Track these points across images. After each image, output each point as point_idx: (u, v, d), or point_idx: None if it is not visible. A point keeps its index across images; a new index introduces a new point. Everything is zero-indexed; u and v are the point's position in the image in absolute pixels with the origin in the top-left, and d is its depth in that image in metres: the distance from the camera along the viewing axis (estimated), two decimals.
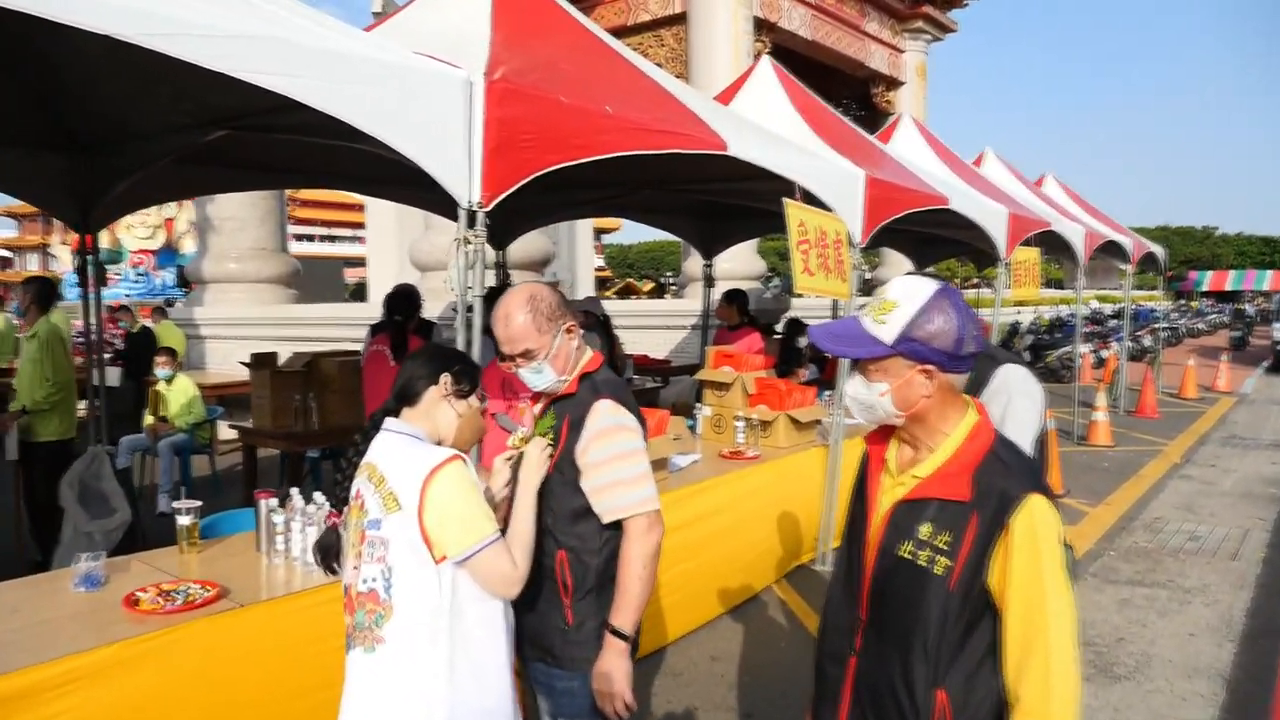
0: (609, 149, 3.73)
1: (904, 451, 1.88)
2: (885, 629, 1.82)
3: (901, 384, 1.76)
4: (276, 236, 14.46)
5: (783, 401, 6.00)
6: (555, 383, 2.32)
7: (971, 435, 1.78)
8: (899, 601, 1.79)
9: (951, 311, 1.73)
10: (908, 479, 1.82)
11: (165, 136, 4.53)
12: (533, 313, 2.26)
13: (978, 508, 1.69)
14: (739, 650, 4.76)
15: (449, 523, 1.95)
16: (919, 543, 1.75)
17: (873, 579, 1.85)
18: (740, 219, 9.35)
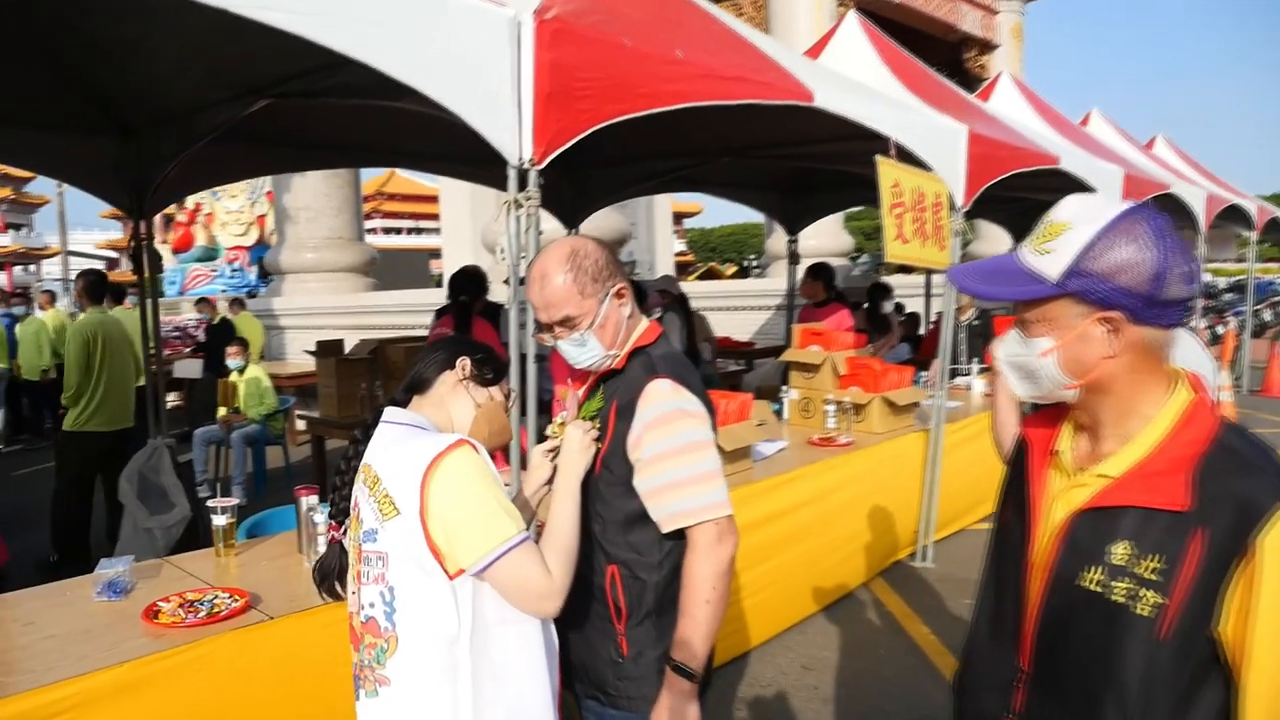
0: (679, 99, 3.30)
1: (1082, 441, 1.40)
2: (1060, 688, 1.35)
3: (1072, 339, 1.28)
4: (353, 225, 14.42)
5: (877, 383, 5.49)
6: (602, 358, 1.90)
7: (1186, 418, 1.29)
8: (1082, 652, 1.31)
9: (1147, 237, 1.23)
10: (1091, 479, 1.34)
11: (207, 112, 4.31)
12: (574, 271, 1.84)
13: (1203, 521, 1.21)
14: (833, 658, 4.30)
15: (460, 525, 1.55)
16: (1113, 570, 1.27)
17: (1042, 619, 1.37)
18: (826, 191, 8.85)
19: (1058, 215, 1.31)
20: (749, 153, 6.53)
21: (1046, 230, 1.31)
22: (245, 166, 6.11)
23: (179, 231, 23.07)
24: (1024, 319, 1.34)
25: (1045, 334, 1.31)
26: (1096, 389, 1.31)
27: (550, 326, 1.88)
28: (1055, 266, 1.27)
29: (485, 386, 1.84)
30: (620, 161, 6.74)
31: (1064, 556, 1.33)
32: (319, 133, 5.53)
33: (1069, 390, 1.33)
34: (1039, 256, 1.30)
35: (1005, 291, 1.32)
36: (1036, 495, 1.42)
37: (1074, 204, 1.31)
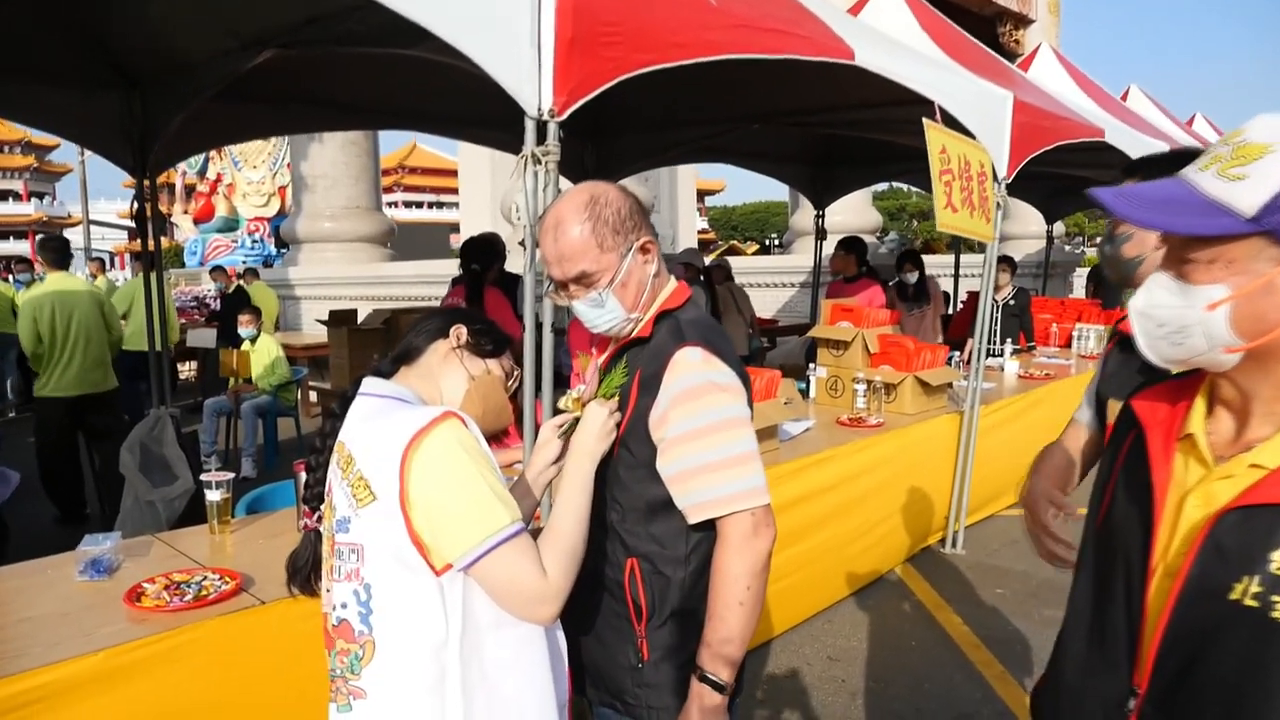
0: (714, 49, 3.05)
1: (1223, 421, 1.16)
2: (1192, 717, 1.12)
3: (1257, 289, 1.03)
4: (371, 195, 14.22)
5: (910, 362, 5.24)
6: (622, 321, 1.67)
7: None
8: (1225, 676, 1.09)
9: None
10: (1239, 469, 1.11)
11: (212, 64, 4.09)
12: (593, 220, 1.60)
13: None
14: (862, 649, 4.09)
15: (446, 512, 1.33)
16: (1273, 580, 1.04)
17: (1170, 634, 1.14)
18: (855, 165, 8.59)
19: (1254, 135, 1.04)
20: (780, 119, 6.25)
21: (1237, 152, 1.04)
22: (256, 125, 5.90)
23: (200, 202, 22.99)
24: (1188, 260, 1.07)
25: (1220, 278, 1.05)
26: (1264, 356, 1.07)
27: (565, 284, 1.65)
28: (1252, 197, 1.01)
29: (483, 358, 1.62)
30: (644, 128, 6.48)
31: (1205, 562, 1.10)
32: (333, 91, 5.33)
33: (1230, 355, 1.08)
34: (1228, 183, 1.03)
35: (1180, 223, 1.06)
36: (1161, 486, 1.18)
37: (1275, 123, 1.05)
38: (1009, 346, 6.99)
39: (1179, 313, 1.09)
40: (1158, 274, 1.13)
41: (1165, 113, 10.50)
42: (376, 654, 1.37)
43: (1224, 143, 1.08)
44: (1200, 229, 1.05)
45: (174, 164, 6.17)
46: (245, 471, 7.00)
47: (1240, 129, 1.07)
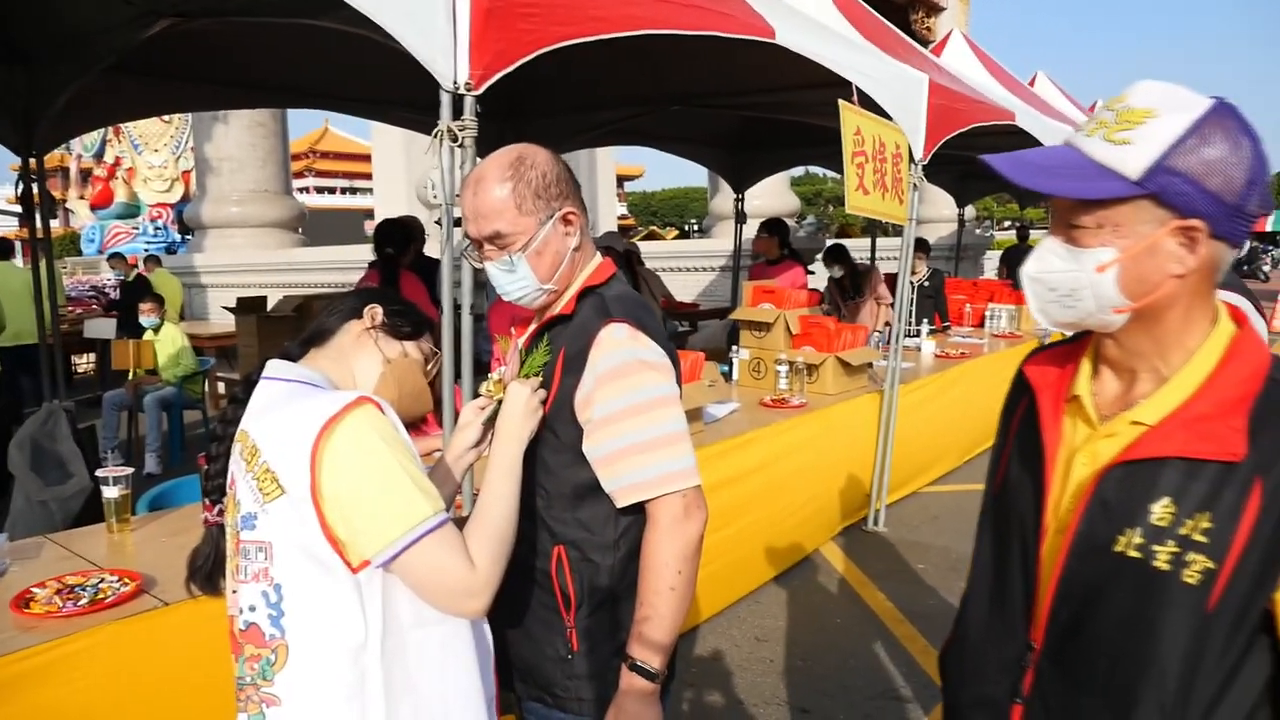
0: (632, 24, 2.98)
1: (1106, 383, 1.20)
2: (1083, 670, 1.16)
3: (1141, 250, 1.06)
4: (280, 179, 13.75)
5: (831, 342, 5.28)
6: (533, 291, 1.61)
7: (1232, 352, 1.11)
8: (1112, 627, 1.13)
9: (1242, 136, 1.03)
10: (1122, 427, 1.14)
11: (105, 34, 3.84)
12: (514, 181, 1.53)
13: (1261, 471, 1.03)
14: (788, 629, 4.11)
15: (362, 505, 1.23)
16: (1154, 531, 1.08)
17: (1062, 589, 1.17)
18: (774, 148, 8.63)
19: (1137, 100, 1.06)
20: (699, 101, 6.22)
21: (1122, 116, 1.06)
22: (153, 102, 5.61)
23: (98, 186, 21.93)
24: (1075, 225, 1.10)
25: (1107, 241, 1.08)
26: (1147, 315, 1.11)
27: (479, 243, 1.59)
28: (1137, 160, 1.04)
29: (399, 340, 1.53)
30: (564, 109, 6.39)
31: (1091, 518, 1.14)
32: (237, 66, 5.10)
33: (1117, 315, 1.11)
34: (1113, 147, 1.05)
35: (1068, 187, 1.07)
36: (1051, 448, 1.21)
37: (1156, 89, 1.07)
38: (925, 327, 7.11)
39: (1070, 276, 1.12)
40: (1047, 239, 1.15)
41: (1070, 99, 10.83)
42: (290, 658, 1.27)
43: (1107, 108, 1.09)
44: (1089, 192, 1.06)
45: (64, 142, 5.83)
46: (149, 468, 6.69)
47: (1123, 94, 1.09)
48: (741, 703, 3.50)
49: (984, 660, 1.30)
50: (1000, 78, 8.61)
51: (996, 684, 1.26)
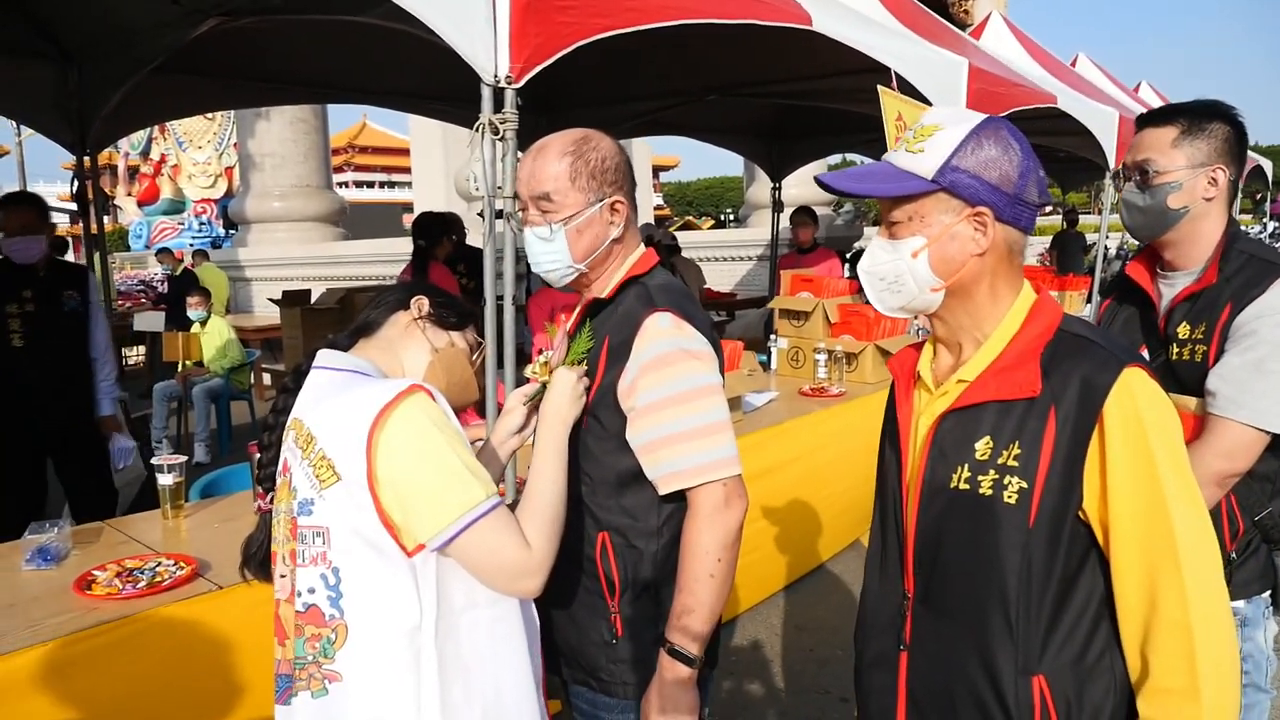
0: (670, 14, 2.99)
1: (941, 358, 1.43)
2: (945, 603, 1.34)
3: (943, 235, 1.30)
4: (321, 173, 13.93)
5: (870, 331, 5.26)
6: (565, 268, 1.63)
7: (1033, 314, 1.34)
8: (960, 556, 1.32)
9: (1011, 140, 1.30)
10: (951, 386, 1.35)
11: (154, 34, 3.93)
12: (575, 156, 1.58)
13: (1054, 401, 1.25)
14: (829, 618, 4.12)
15: (417, 491, 1.27)
16: (977, 465, 1.29)
17: (919, 535, 1.37)
18: (811, 137, 8.58)
19: (927, 120, 1.34)
20: (735, 90, 6.21)
21: (917, 133, 1.33)
22: (200, 99, 5.75)
23: (144, 184, 22.36)
24: (892, 222, 1.34)
25: (916, 232, 1.31)
26: (959, 291, 1.33)
27: (526, 207, 1.63)
28: (929, 163, 1.29)
29: (446, 330, 1.56)
30: (600, 101, 6.40)
31: (932, 466, 1.34)
32: (280, 63, 5.19)
33: (935, 293, 1.33)
34: (912, 156, 1.31)
35: (880, 188, 1.32)
36: (904, 419, 1.43)
37: (941, 111, 1.36)
38: None
39: (893, 265, 1.34)
40: (875, 238, 1.38)
41: (1113, 80, 10.62)
42: (349, 637, 1.32)
43: (909, 129, 1.35)
44: (896, 190, 1.31)
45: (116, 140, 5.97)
46: (198, 457, 6.84)
47: (921, 118, 1.36)
48: (781, 691, 3.52)
49: (876, 619, 1.47)
50: (1041, 59, 8.48)
51: (886, 637, 1.42)
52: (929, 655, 1.35)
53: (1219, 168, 1.87)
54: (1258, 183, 14.56)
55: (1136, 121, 2.05)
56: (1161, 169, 1.90)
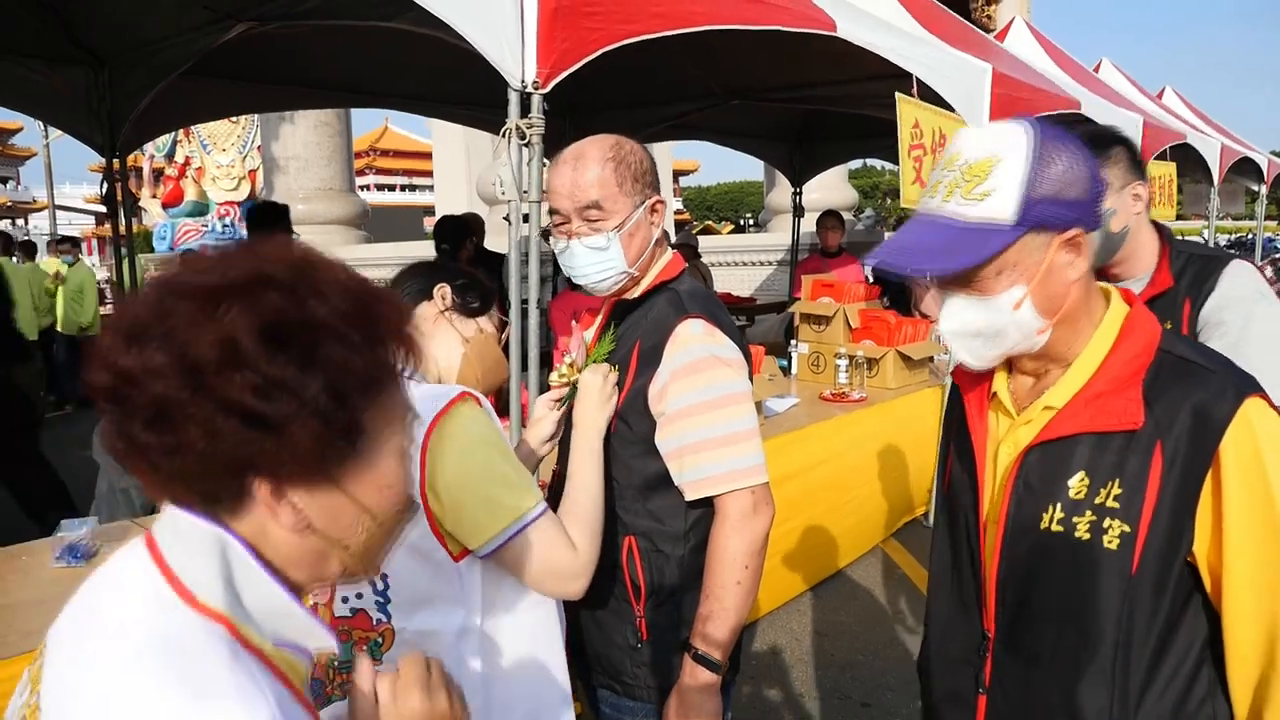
0: (696, 20, 3.01)
1: (1021, 377, 1.28)
2: (1033, 648, 1.22)
3: (1043, 276, 1.14)
4: (344, 177, 14.03)
5: (891, 336, 5.25)
6: (619, 275, 1.62)
7: (1127, 329, 1.19)
8: (1051, 604, 1.20)
9: (1067, 145, 1.13)
10: (1036, 413, 1.22)
11: (183, 39, 3.98)
12: (616, 162, 1.56)
13: (1161, 436, 1.12)
14: (850, 623, 4.11)
15: (468, 499, 1.29)
16: (1072, 505, 1.16)
17: (1003, 574, 1.24)
18: (833, 141, 8.56)
19: (971, 153, 1.14)
20: (758, 95, 6.21)
21: (967, 173, 1.14)
22: (227, 103, 5.81)
23: (168, 186, 22.54)
24: (977, 279, 1.15)
25: (1011, 282, 1.14)
26: (1064, 321, 1.19)
27: (568, 219, 1.59)
28: (1004, 207, 1.11)
29: (471, 317, 1.58)
30: (624, 105, 6.42)
31: (1017, 501, 1.22)
32: (305, 68, 5.23)
33: (1041, 335, 1.18)
34: (977, 204, 1.12)
35: (966, 259, 1.12)
36: (980, 444, 1.29)
37: (974, 137, 1.16)
38: None
39: (991, 321, 1.17)
40: (952, 298, 1.19)
41: (1136, 86, 10.56)
42: (397, 640, 1.34)
43: (946, 169, 1.16)
44: (984, 254, 1.12)
45: (144, 143, 6.04)
46: None
47: (953, 153, 1.17)
48: (802, 696, 3.52)
49: (948, 655, 1.35)
50: (1064, 65, 8.44)
51: (962, 676, 1.30)
52: (1012, 702, 1.25)
53: (1137, 183, 1.98)
54: None
55: None
56: None
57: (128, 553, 0.81)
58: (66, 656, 0.75)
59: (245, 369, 0.71)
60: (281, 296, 0.74)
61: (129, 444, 0.74)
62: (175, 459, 0.73)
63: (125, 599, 0.76)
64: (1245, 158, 11.02)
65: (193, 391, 0.71)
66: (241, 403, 0.71)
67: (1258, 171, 11.75)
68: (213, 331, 0.71)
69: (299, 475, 0.76)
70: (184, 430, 0.71)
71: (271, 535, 0.78)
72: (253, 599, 0.76)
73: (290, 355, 0.72)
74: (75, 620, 0.78)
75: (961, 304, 1.18)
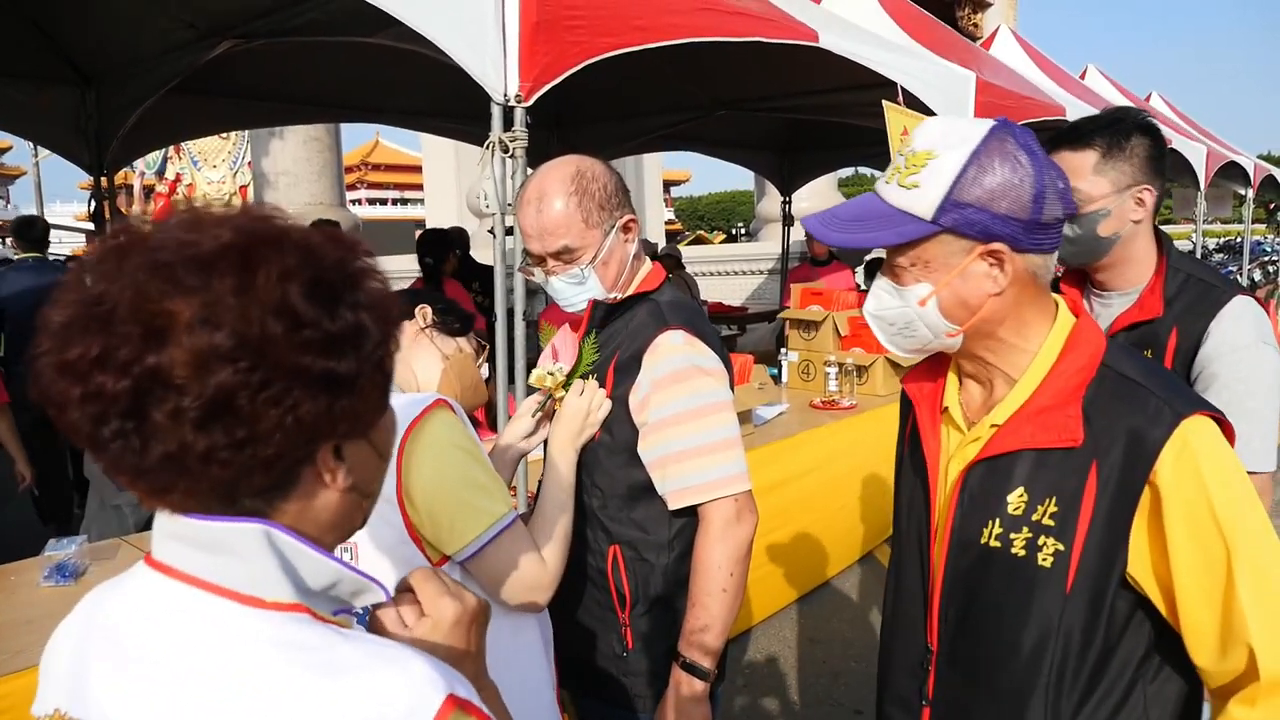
0: (677, 33, 3.03)
1: (971, 391, 1.27)
2: (972, 664, 1.22)
3: (954, 279, 1.13)
4: (335, 191, 14.01)
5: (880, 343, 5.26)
6: (601, 298, 1.65)
7: (1071, 345, 1.17)
8: (990, 618, 1.19)
9: (1020, 155, 1.09)
10: (984, 430, 1.21)
11: (167, 57, 4.01)
12: (579, 194, 1.55)
13: (1097, 455, 1.10)
14: (843, 631, 4.11)
15: (445, 504, 1.30)
16: (1010, 520, 1.16)
17: (945, 589, 1.24)
18: (821, 150, 8.60)
19: (919, 142, 1.13)
20: (745, 105, 6.25)
21: (910, 160, 1.13)
22: (215, 119, 5.83)
23: (159, 203, 22.59)
24: (894, 265, 1.17)
25: (921, 278, 1.15)
26: (981, 332, 1.17)
27: (543, 259, 1.61)
28: (927, 201, 1.11)
29: (452, 336, 1.59)
30: (610, 117, 6.46)
31: (962, 515, 1.21)
32: (293, 83, 5.26)
33: (951, 339, 1.18)
34: (906, 192, 1.12)
35: (879, 237, 1.14)
36: (932, 457, 1.27)
37: (935, 128, 1.15)
38: None
39: (900, 311, 1.19)
40: (879, 279, 1.21)
41: (1123, 91, 10.65)
42: None
43: (900, 152, 1.16)
44: (893, 238, 1.13)
45: (132, 161, 6.03)
46: None
47: (910, 137, 1.16)
48: (795, 704, 3.52)
49: (897, 663, 1.35)
50: (1050, 72, 8.51)
51: (909, 682, 1.31)
52: (952, 717, 1.25)
53: (1145, 188, 1.77)
54: (1271, 193, 14.49)
55: (1050, 142, 1.81)
56: (1087, 197, 1.77)
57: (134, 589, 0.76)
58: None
59: (307, 329, 0.65)
60: (298, 249, 0.68)
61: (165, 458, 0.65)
62: (244, 452, 0.65)
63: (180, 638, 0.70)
64: (1232, 162, 11.08)
65: (265, 369, 0.64)
66: (314, 368, 0.66)
67: (1244, 176, 11.82)
68: (265, 296, 0.64)
69: (360, 431, 0.73)
70: (259, 416, 0.64)
71: (316, 504, 0.73)
72: (310, 577, 0.73)
73: (341, 306, 0.68)
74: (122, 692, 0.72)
75: (881, 288, 1.21)
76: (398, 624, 0.82)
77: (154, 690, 0.69)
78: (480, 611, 0.84)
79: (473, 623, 0.83)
